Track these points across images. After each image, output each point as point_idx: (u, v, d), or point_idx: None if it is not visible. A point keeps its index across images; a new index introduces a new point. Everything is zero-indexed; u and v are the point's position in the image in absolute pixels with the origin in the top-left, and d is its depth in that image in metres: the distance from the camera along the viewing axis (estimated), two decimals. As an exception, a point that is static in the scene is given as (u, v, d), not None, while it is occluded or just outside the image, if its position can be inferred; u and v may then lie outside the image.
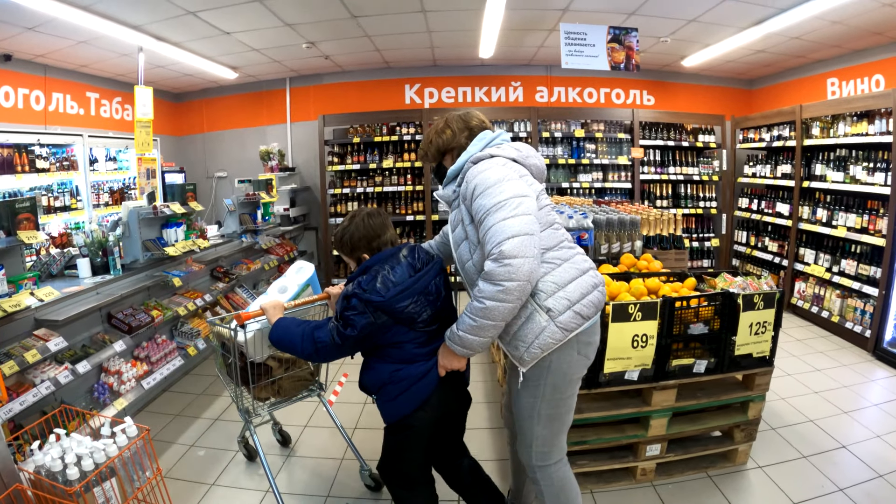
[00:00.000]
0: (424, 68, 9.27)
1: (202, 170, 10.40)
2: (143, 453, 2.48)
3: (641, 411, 3.14)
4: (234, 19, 6.18)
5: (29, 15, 5.43)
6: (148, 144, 6.68)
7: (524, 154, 2.46)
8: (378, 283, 2.34)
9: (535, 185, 2.40)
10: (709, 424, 3.37)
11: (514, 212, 2.11)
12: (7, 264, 3.58)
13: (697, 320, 3.05)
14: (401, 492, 2.65)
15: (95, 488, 2.22)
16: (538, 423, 2.41)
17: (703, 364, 3.14)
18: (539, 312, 2.21)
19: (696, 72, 9.04)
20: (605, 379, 3.01)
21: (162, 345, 4.83)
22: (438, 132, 2.57)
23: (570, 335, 2.23)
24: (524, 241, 2.07)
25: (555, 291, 2.22)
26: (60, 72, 7.68)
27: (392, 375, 2.44)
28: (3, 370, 3.16)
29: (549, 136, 8.43)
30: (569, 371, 2.32)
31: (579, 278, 2.28)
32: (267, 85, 9.83)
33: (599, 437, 3.19)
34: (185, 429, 4.46)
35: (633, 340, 2.90)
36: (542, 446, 2.45)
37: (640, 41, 6.38)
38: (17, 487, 2.28)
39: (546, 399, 2.35)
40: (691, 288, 3.36)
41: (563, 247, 2.35)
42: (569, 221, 3.93)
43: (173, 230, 5.31)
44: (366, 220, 2.59)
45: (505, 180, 2.21)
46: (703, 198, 8.50)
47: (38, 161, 6.57)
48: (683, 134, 8.56)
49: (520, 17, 6.37)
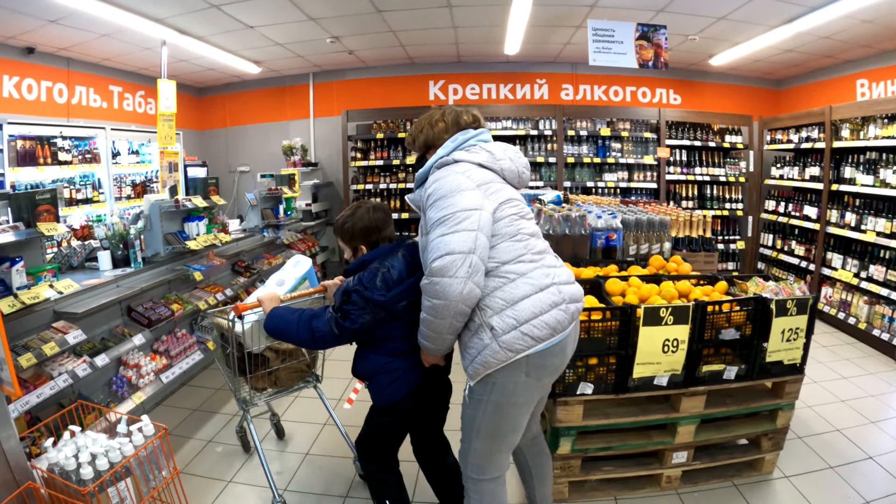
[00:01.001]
0: (449, 64, 9.20)
1: (225, 164, 10.43)
2: (159, 452, 2.44)
3: (669, 417, 3.06)
4: (258, 13, 6.16)
5: (51, 7, 5.44)
6: (171, 138, 6.69)
7: (496, 157, 2.34)
8: (378, 280, 2.39)
9: (500, 193, 2.27)
10: (736, 432, 3.27)
11: (454, 227, 2.06)
12: (26, 256, 3.55)
13: (729, 325, 2.96)
14: (374, 467, 2.75)
15: (110, 488, 2.18)
16: (477, 436, 2.33)
17: (734, 370, 3.04)
18: (484, 329, 2.13)
19: (723, 71, 8.88)
20: (634, 384, 2.93)
21: (182, 339, 4.80)
22: (432, 123, 2.48)
23: (517, 356, 2.10)
24: (455, 260, 2.01)
25: (502, 309, 2.12)
26: (83, 65, 7.73)
27: (384, 366, 2.55)
28: (21, 362, 3.14)
29: (574, 135, 8.31)
30: (514, 392, 2.20)
31: (534, 295, 2.13)
32: (290, 80, 9.81)
33: (625, 442, 3.11)
34: (203, 424, 4.43)
35: (663, 345, 2.82)
36: (479, 459, 2.38)
37: (667, 39, 6.26)
38: (30, 486, 2.24)
39: (487, 416, 2.26)
40: (722, 292, 3.27)
41: (522, 260, 2.19)
42: (597, 221, 3.85)
43: (195, 224, 5.27)
44: (370, 212, 2.65)
45: (457, 192, 2.14)
46: (729, 199, 8.33)
47: (60, 153, 6.61)
48: (710, 134, 8.39)
49: (547, 12, 6.27)
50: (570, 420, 2.91)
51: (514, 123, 8.35)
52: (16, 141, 6.15)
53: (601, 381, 2.89)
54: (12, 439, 2.26)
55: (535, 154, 8.33)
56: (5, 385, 2.20)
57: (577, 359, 2.82)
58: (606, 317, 2.81)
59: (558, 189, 7.65)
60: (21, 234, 3.45)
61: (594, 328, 2.80)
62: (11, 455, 2.25)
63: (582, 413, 2.92)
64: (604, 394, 2.92)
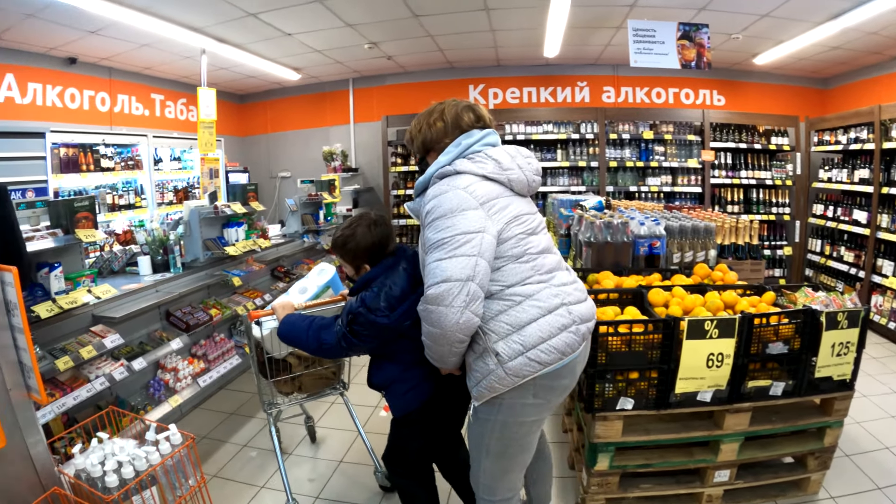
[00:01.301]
0: (488, 68, 9.14)
1: (266, 170, 10.55)
2: (186, 461, 2.43)
3: (712, 435, 2.93)
4: (295, 20, 6.19)
5: (91, 19, 5.56)
6: (211, 145, 6.77)
7: (503, 166, 2.16)
8: (382, 300, 2.35)
9: (507, 210, 2.11)
10: (781, 451, 3.12)
11: (452, 252, 1.94)
12: (65, 262, 3.60)
13: (777, 339, 2.82)
14: (404, 481, 2.74)
15: (135, 496, 2.17)
16: (486, 456, 2.25)
17: (781, 386, 2.90)
18: (489, 354, 2.03)
19: (768, 70, 8.60)
20: (676, 399, 2.81)
21: (220, 343, 4.84)
22: (430, 123, 2.31)
23: (523, 381, 2.02)
24: (451, 288, 1.91)
25: (508, 334, 2.02)
26: (125, 74, 7.90)
27: (401, 375, 2.51)
28: (59, 365, 3.19)
29: (616, 138, 8.17)
30: (521, 413, 2.12)
31: (541, 319, 2.03)
32: (330, 86, 9.88)
33: (665, 460, 2.99)
34: (238, 428, 4.45)
35: (707, 359, 2.69)
36: (489, 480, 2.31)
37: (710, 38, 6.08)
38: (56, 491, 2.25)
39: (495, 435, 2.18)
40: (770, 303, 3.12)
41: (529, 282, 2.08)
42: (640, 228, 3.73)
43: (234, 230, 5.31)
44: (371, 228, 2.56)
45: (457, 211, 2.00)
46: (775, 203, 8.07)
47: (103, 160, 6.73)
48: (755, 136, 8.14)
49: (586, 13, 6.16)
50: (608, 436, 2.81)
51: (556, 127, 8.25)
52: (59, 148, 6.29)
53: (642, 396, 2.78)
54: (40, 444, 2.27)
55: (576, 158, 8.21)
56: (32, 392, 2.21)
57: (618, 373, 2.72)
58: (648, 329, 2.71)
59: (601, 194, 7.53)
60: (59, 240, 3.52)
61: (635, 341, 2.70)
62: (38, 460, 2.26)
63: (621, 429, 2.82)
64: (644, 409, 2.81)
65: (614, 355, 2.69)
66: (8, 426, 2.10)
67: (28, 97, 6.54)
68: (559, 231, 4.78)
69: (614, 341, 2.67)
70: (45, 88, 6.71)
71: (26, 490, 2.20)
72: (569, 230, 4.48)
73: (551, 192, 7.85)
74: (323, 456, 4.01)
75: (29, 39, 6.17)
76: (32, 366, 2.15)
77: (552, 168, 8.35)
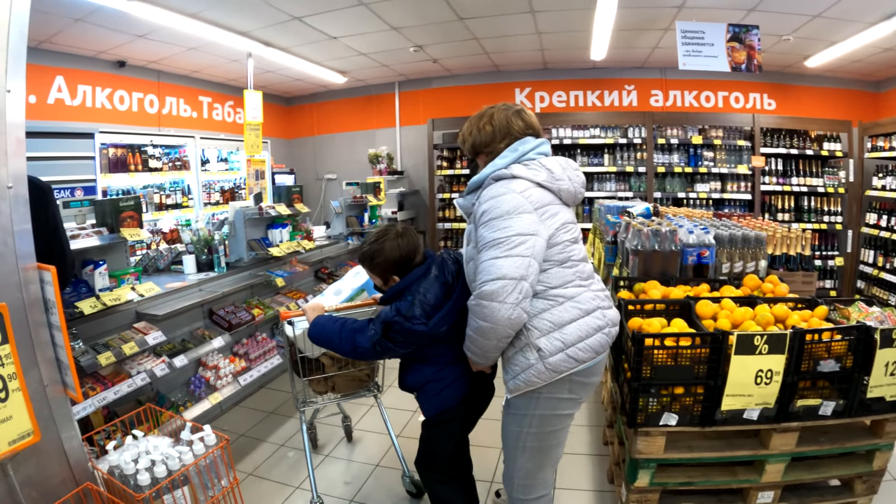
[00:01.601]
0: (534, 71, 9.06)
1: (312, 172, 10.67)
2: (220, 461, 2.43)
3: (758, 454, 2.80)
4: (340, 24, 6.23)
5: (139, 23, 5.68)
6: (257, 146, 6.86)
7: (555, 176, 2.27)
8: (417, 309, 2.40)
9: (556, 217, 2.23)
10: (828, 473, 2.96)
11: (508, 252, 2.06)
12: (110, 260, 3.68)
13: (829, 356, 2.68)
14: (437, 486, 2.77)
15: (166, 495, 2.18)
16: (522, 453, 2.34)
17: (831, 406, 2.75)
18: (530, 349, 2.16)
19: (820, 73, 8.29)
20: (722, 417, 2.70)
21: (262, 343, 4.88)
22: (480, 128, 2.42)
23: (560, 376, 2.16)
24: (506, 285, 2.02)
25: (550, 331, 2.16)
26: (173, 77, 8.07)
27: (435, 374, 2.58)
28: (101, 360, 3.25)
29: (664, 143, 8.01)
30: (558, 407, 2.25)
31: (581, 319, 2.18)
32: (376, 89, 9.93)
33: (708, 478, 2.87)
34: (276, 427, 4.48)
35: (756, 376, 2.58)
36: (525, 479, 2.38)
37: (760, 40, 5.89)
38: (88, 486, 2.27)
39: (532, 431, 2.28)
40: (822, 317, 2.98)
41: (571, 285, 2.22)
42: (688, 237, 3.62)
43: (278, 231, 5.37)
44: (399, 241, 2.59)
45: (514, 214, 2.11)
46: (827, 212, 7.77)
47: (151, 161, 6.89)
48: (807, 141, 7.86)
49: (633, 15, 6.05)
50: (650, 452, 2.71)
51: (603, 131, 8.14)
52: (108, 149, 6.45)
53: (686, 412, 2.68)
54: (74, 440, 2.30)
55: (623, 163, 8.08)
56: (69, 389, 2.24)
57: (663, 387, 2.63)
58: (696, 343, 2.60)
59: (648, 200, 7.38)
60: (105, 238, 3.60)
61: (682, 355, 2.60)
62: (72, 455, 2.29)
63: (664, 445, 2.72)
64: (688, 426, 2.70)
65: (660, 369, 2.60)
66: (43, 421, 2.13)
67: (77, 99, 6.71)
68: (605, 238, 4.68)
69: (660, 355, 2.58)
70: (94, 90, 6.89)
71: (59, 484, 2.23)
72: (615, 237, 4.39)
73: (598, 198, 7.74)
74: (359, 458, 4.00)
75: (78, 43, 6.34)
76: (69, 363, 2.18)
77: (599, 173, 8.25)
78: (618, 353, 3.07)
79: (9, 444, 1.99)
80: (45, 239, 2.20)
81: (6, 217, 2.05)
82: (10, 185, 2.06)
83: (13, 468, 2.05)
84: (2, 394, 1.97)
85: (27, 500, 2.09)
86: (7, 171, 2.05)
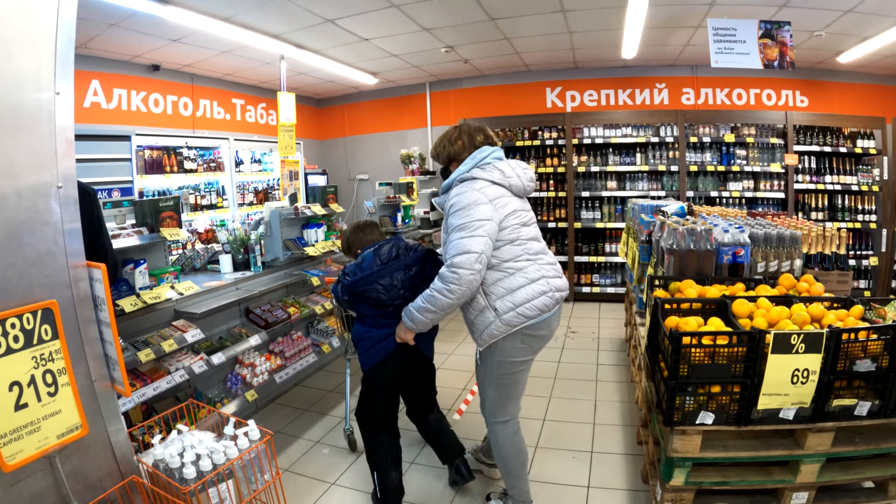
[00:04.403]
0: (565, 70, 9.04)
1: (344, 172, 10.76)
2: (263, 456, 2.47)
3: (793, 454, 2.77)
4: (372, 26, 6.27)
5: (174, 28, 5.80)
6: (291, 147, 6.93)
7: (506, 174, 2.93)
8: (350, 269, 3.24)
9: (507, 206, 2.87)
10: (863, 474, 2.91)
11: (472, 233, 2.71)
12: (150, 259, 3.77)
13: (865, 356, 2.64)
14: (368, 435, 3.34)
15: (211, 489, 2.22)
16: (489, 387, 3.03)
17: (866, 406, 2.71)
18: (489, 309, 2.82)
19: (852, 69, 8.12)
20: (758, 416, 2.67)
21: (297, 341, 4.92)
22: (451, 141, 3.07)
23: (514, 329, 2.81)
24: (471, 257, 2.67)
25: (503, 295, 2.81)
26: (207, 80, 8.20)
27: (364, 334, 3.19)
28: (140, 357, 3.32)
29: (696, 141, 7.93)
30: (512, 354, 2.89)
31: (528, 286, 2.82)
32: (407, 90, 9.99)
33: (743, 478, 2.85)
34: (311, 424, 4.53)
35: (793, 375, 2.55)
36: (492, 406, 3.06)
37: (792, 36, 5.79)
38: (134, 479, 2.32)
39: (494, 372, 2.96)
40: (858, 317, 2.93)
41: (520, 259, 2.86)
42: (724, 236, 3.59)
43: (314, 231, 5.42)
44: (356, 233, 3.49)
45: (475, 205, 2.76)
46: (861, 210, 7.60)
47: (186, 162, 7.02)
48: (840, 138, 7.70)
49: (664, 13, 6.00)
50: (686, 451, 2.70)
51: (634, 130, 8.09)
52: (143, 151, 6.59)
53: (723, 411, 2.66)
54: (121, 433, 2.35)
55: (655, 162, 8.03)
56: (116, 384, 2.29)
57: (699, 386, 2.61)
58: (733, 342, 2.58)
59: (680, 199, 7.32)
60: (145, 238, 3.68)
61: (719, 354, 2.58)
62: (119, 448, 2.34)
63: (700, 444, 2.70)
64: (725, 425, 2.68)
65: (697, 367, 2.59)
66: (91, 415, 2.18)
67: (113, 102, 6.85)
68: (639, 237, 4.64)
69: (697, 353, 2.57)
70: (129, 94, 7.03)
71: (105, 477, 2.28)
72: (649, 236, 4.35)
73: (630, 197, 7.69)
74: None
75: (113, 47, 6.46)
76: (118, 359, 2.23)
77: (631, 172, 8.21)
78: (654, 352, 3.07)
79: (57, 438, 2.05)
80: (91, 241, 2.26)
81: (56, 216, 2.10)
82: (59, 185, 2.11)
83: (60, 461, 2.10)
84: (51, 388, 2.03)
85: (73, 493, 2.13)
86: (57, 171, 2.10)
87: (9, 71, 1.95)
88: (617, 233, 8.21)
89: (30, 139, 2.03)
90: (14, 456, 1.91)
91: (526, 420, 4.31)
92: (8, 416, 1.90)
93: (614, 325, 7.03)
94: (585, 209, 8.35)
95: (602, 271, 8.41)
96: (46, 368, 2.01)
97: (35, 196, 2.04)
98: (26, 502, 2.02)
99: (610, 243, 8.26)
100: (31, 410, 1.97)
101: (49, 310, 2.02)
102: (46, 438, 2.01)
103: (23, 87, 2.00)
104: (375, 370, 3.20)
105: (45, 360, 2.01)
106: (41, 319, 2.00)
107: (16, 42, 1.97)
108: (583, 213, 8.35)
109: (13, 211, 1.96)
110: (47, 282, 2.07)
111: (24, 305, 1.96)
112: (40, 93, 2.05)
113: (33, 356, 1.97)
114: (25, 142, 2.01)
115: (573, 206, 8.31)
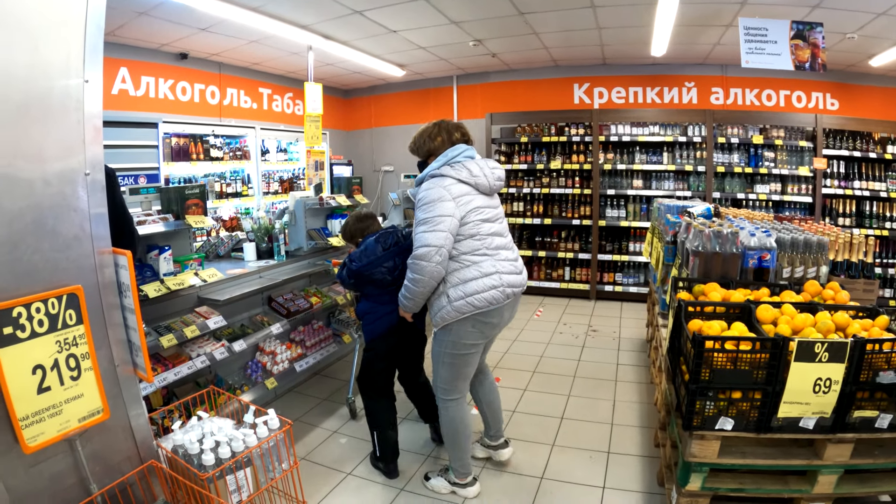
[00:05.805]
0: (593, 67, 8.94)
1: (369, 163, 10.76)
2: (281, 445, 2.49)
3: (812, 464, 2.73)
4: (401, 18, 6.25)
5: (202, 17, 5.82)
6: (317, 138, 6.95)
7: (473, 173, 3.09)
8: (356, 255, 3.52)
9: (471, 203, 3.05)
10: (880, 488, 2.85)
11: (433, 227, 2.93)
12: (174, 245, 3.81)
13: (888, 367, 2.59)
14: (368, 400, 3.66)
15: (229, 476, 2.25)
16: (441, 366, 3.23)
17: (888, 419, 2.66)
18: (444, 295, 3.05)
19: (883, 73, 7.91)
20: (778, 424, 2.64)
21: (318, 330, 4.95)
22: (431, 136, 3.26)
23: (464, 315, 3.02)
24: (431, 251, 2.91)
25: (457, 284, 3.02)
26: (234, 69, 8.23)
27: (371, 308, 3.57)
28: (163, 342, 3.37)
29: (724, 142, 7.83)
30: (464, 337, 3.10)
31: (480, 279, 3.01)
32: (434, 83, 9.95)
33: (759, 486, 2.81)
34: (330, 414, 4.56)
35: (815, 384, 2.51)
36: (444, 384, 3.27)
37: (824, 38, 5.66)
38: (153, 464, 2.36)
39: (447, 351, 3.16)
40: (883, 327, 2.87)
41: (477, 254, 3.06)
42: (750, 239, 3.53)
43: (338, 221, 5.44)
44: (358, 223, 3.82)
45: (439, 201, 2.96)
46: (889, 218, 7.42)
47: (212, 150, 7.08)
48: (870, 143, 7.54)
49: (694, 11, 5.90)
50: (704, 456, 2.67)
51: (662, 129, 8.02)
52: (170, 138, 6.66)
53: (742, 418, 2.63)
54: (142, 418, 2.39)
55: (682, 162, 7.95)
56: (139, 370, 2.32)
57: (720, 391, 2.58)
58: (756, 348, 2.55)
59: (707, 200, 7.21)
60: (170, 225, 3.72)
61: (741, 359, 2.55)
62: (139, 433, 2.38)
63: (718, 449, 2.67)
64: (744, 431, 2.65)
65: (719, 372, 2.56)
66: (112, 399, 2.22)
67: (141, 90, 6.89)
68: (664, 237, 4.59)
69: (720, 358, 2.54)
70: (157, 82, 7.07)
71: (124, 461, 2.32)
72: (674, 237, 4.30)
73: (656, 197, 7.64)
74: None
75: (141, 36, 6.51)
76: (141, 345, 2.25)
77: (658, 171, 8.12)
78: (675, 355, 3.04)
79: (79, 421, 2.09)
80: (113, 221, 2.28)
81: (84, 202, 2.13)
82: (87, 171, 2.14)
83: (81, 444, 2.14)
84: (74, 372, 2.06)
85: (92, 475, 2.17)
86: (85, 157, 2.13)
87: (37, 60, 1.97)
88: (641, 232, 8.14)
89: (58, 126, 2.05)
90: (35, 438, 1.95)
91: (544, 418, 4.36)
92: (30, 399, 1.94)
93: (636, 325, 6.98)
94: (610, 207, 8.29)
95: (625, 270, 8.35)
96: (70, 353, 2.04)
97: (62, 182, 2.06)
98: (46, 483, 2.06)
99: (634, 242, 8.19)
100: (54, 393, 2.00)
101: (74, 295, 2.05)
102: (68, 421, 2.05)
103: (51, 76, 2.03)
104: (378, 341, 3.59)
105: (69, 345, 2.04)
106: (66, 304, 2.03)
107: (44, 32, 1.99)
108: (608, 210, 8.28)
109: (40, 197, 1.99)
110: (73, 267, 2.10)
111: (49, 290, 1.99)
112: (69, 80, 2.08)
113: (57, 340, 2.01)
114: (54, 129, 2.04)
115: (598, 203, 8.25)
